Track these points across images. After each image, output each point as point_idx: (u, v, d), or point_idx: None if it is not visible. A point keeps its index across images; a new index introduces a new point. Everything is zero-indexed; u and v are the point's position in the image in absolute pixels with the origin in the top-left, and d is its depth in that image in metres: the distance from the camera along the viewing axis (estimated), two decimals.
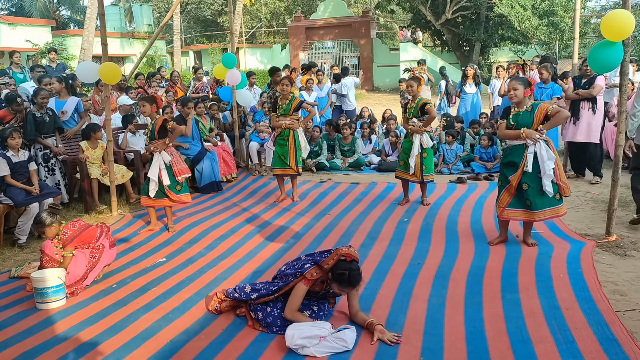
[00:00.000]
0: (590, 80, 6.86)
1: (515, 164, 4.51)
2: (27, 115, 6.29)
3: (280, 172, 6.66)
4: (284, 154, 6.51)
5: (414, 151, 6.01)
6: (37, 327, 3.54)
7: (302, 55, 27.18)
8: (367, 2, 32.25)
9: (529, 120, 4.43)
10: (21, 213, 5.27)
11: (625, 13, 4.35)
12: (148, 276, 4.37)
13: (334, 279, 3.21)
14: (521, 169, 4.44)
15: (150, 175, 5.42)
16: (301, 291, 3.27)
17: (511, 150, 4.58)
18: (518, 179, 4.47)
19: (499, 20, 20.40)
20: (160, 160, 5.41)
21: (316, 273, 3.27)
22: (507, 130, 4.56)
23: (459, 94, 10.20)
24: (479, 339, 3.13)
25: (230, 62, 8.22)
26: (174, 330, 3.42)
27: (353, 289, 3.27)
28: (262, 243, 5.15)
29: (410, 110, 6.09)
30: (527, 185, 4.46)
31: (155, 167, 5.41)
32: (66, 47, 20.29)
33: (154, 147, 5.44)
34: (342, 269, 3.17)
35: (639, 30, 18.39)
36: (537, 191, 4.45)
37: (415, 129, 6.00)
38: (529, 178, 4.45)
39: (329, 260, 3.24)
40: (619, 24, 4.31)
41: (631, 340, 2.99)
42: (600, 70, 4.72)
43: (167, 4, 33.69)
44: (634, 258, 4.31)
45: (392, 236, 5.17)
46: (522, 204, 4.54)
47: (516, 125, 4.49)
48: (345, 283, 3.18)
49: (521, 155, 4.46)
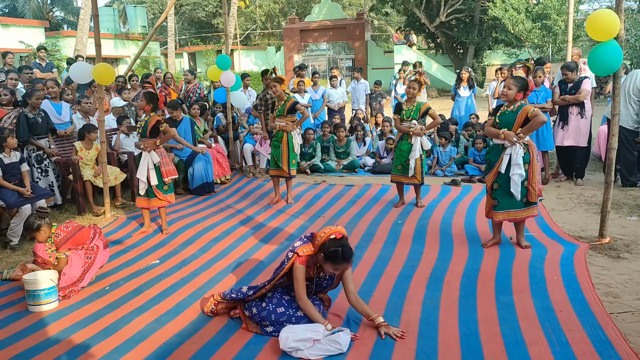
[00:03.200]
0: (576, 84, 6.81)
1: (492, 163, 4.57)
2: (19, 116, 6.25)
3: (275, 173, 6.67)
4: (277, 155, 6.50)
5: (415, 153, 5.97)
6: (29, 329, 3.51)
7: (296, 57, 27.17)
8: (361, 5, 32.31)
9: (511, 120, 4.43)
10: (13, 215, 5.23)
11: (608, 12, 4.39)
12: (141, 278, 4.34)
13: (326, 259, 3.18)
14: (495, 169, 4.49)
15: (139, 175, 5.42)
16: (300, 272, 3.26)
17: (491, 149, 4.65)
18: (492, 178, 4.52)
19: (493, 23, 20.48)
20: (149, 160, 5.40)
21: (307, 250, 3.28)
22: (490, 128, 4.60)
23: (453, 96, 10.23)
24: (473, 341, 3.14)
25: (225, 64, 8.21)
26: (167, 332, 3.40)
27: (347, 265, 3.27)
28: (257, 245, 5.13)
29: (409, 112, 6.01)
30: (497, 185, 4.53)
31: (143, 166, 5.40)
32: (59, 48, 20.19)
33: (144, 146, 5.42)
34: (334, 246, 3.16)
35: (632, 33, 18.53)
36: (505, 193, 4.51)
37: (417, 132, 5.99)
38: (501, 179, 4.50)
39: (318, 237, 3.24)
40: (603, 23, 4.37)
41: (624, 343, 3.00)
42: (601, 72, 4.65)
43: (162, 6, 33.65)
44: (627, 260, 4.33)
45: (387, 238, 5.17)
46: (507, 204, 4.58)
47: (500, 124, 4.51)
48: (339, 259, 3.17)
49: (498, 155, 4.51)
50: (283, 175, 6.61)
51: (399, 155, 6.14)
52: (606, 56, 4.41)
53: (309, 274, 3.35)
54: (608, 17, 4.36)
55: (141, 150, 5.47)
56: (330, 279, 3.43)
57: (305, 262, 3.27)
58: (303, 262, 3.27)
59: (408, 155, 6.01)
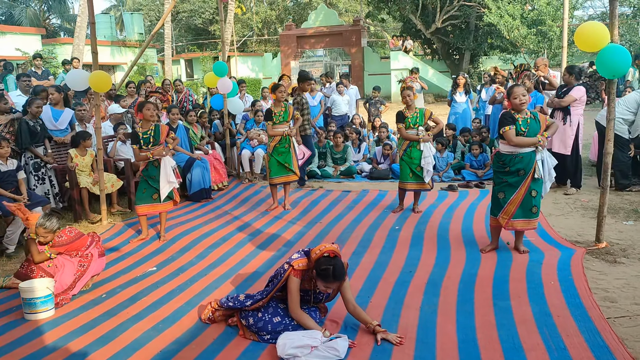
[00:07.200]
0: (568, 89, 6.70)
1: (523, 171, 4.45)
2: (20, 124, 6.24)
3: (282, 180, 6.64)
4: (288, 161, 6.52)
5: (428, 159, 5.98)
6: (25, 337, 3.49)
7: (293, 63, 27.24)
8: (357, 11, 32.43)
9: (537, 127, 4.44)
10: (9, 223, 5.21)
11: (596, 25, 4.43)
12: (138, 286, 4.33)
13: (318, 276, 3.22)
14: (531, 176, 4.43)
15: (170, 179, 5.43)
16: (294, 284, 3.28)
17: (521, 158, 4.45)
18: (528, 186, 4.47)
19: (488, 29, 20.58)
20: (168, 165, 5.44)
21: (303, 264, 3.30)
22: (521, 138, 4.41)
23: (449, 102, 10.27)
24: (471, 347, 3.13)
25: (222, 70, 8.22)
26: (164, 340, 3.39)
27: (338, 283, 3.28)
28: (254, 252, 5.12)
29: (414, 119, 5.97)
30: (535, 192, 4.49)
31: (168, 170, 5.42)
32: (56, 55, 20.18)
33: (159, 152, 5.39)
34: (326, 264, 3.19)
35: (626, 39, 18.63)
36: (540, 197, 4.52)
37: (427, 138, 5.98)
38: (537, 185, 4.47)
39: (313, 253, 3.26)
40: (590, 36, 4.44)
41: (622, 348, 3.00)
42: (610, 75, 4.57)
43: (158, 13, 33.69)
44: (624, 265, 4.33)
45: (384, 244, 5.17)
46: (527, 212, 4.53)
47: (527, 132, 4.42)
48: (330, 278, 3.19)
49: (531, 162, 4.43)
50: (290, 180, 6.67)
51: (409, 162, 6.07)
52: (615, 58, 4.39)
53: (304, 286, 3.38)
54: (595, 29, 4.40)
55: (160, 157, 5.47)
56: (327, 294, 3.44)
57: (300, 275, 3.30)
58: (298, 276, 3.29)
59: (419, 162, 6.00)
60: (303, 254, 3.38)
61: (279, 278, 3.36)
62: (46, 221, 4.09)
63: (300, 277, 3.31)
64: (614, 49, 4.39)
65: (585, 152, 8.55)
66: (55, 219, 4.15)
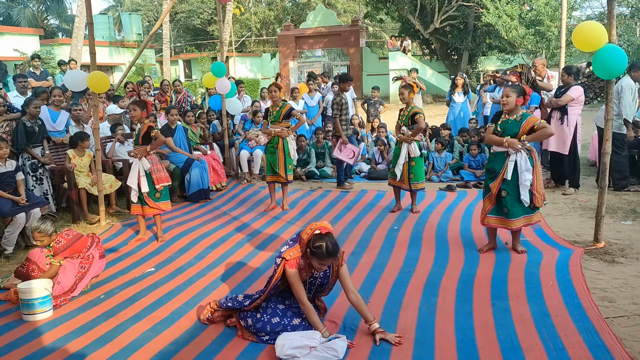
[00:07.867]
0: (566, 89, 6.71)
1: (495, 171, 4.58)
2: (17, 124, 6.23)
3: (272, 179, 6.68)
4: (274, 161, 6.52)
5: (400, 159, 6.07)
6: (23, 339, 3.48)
7: (291, 64, 27.22)
8: (356, 12, 32.45)
9: (515, 129, 4.47)
10: (7, 223, 5.20)
11: (594, 25, 4.43)
12: (137, 286, 4.32)
13: (312, 254, 3.17)
14: (501, 176, 4.50)
15: (129, 182, 5.42)
16: (294, 276, 3.25)
17: (494, 157, 4.64)
18: (498, 186, 4.53)
19: (487, 30, 20.58)
20: (140, 167, 5.38)
21: (294, 252, 3.26)
22: (492, 135, 4.61)
23: (448, 102, 10.28)
24: (470, 347, 3.13)
25: (220, 71, 8.22)
26: (163, 341, 3.38)
27: (332, 259, 3.22)
28: (252, 252, 5.12)
29: (402, 118, 6.12)
30: (505, 193, 4.53)
31: (134, 174, 5.39)
32: (54, 56, 20.16)
33: (134, 153, 5.43)
34: (319, 241, 3.14)
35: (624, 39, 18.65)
36: (515, 199, 4.51)
37: (404, 138, 6.03)
38: (508, 186, 4.50)
39: (304, 235, 3.23)
40: (587, 36, 4.45)
41: (620, 347, 3.00)
42: (606, 75, 4.59)
43: (157, 13, 33.65)
44: (622, 265, 4.34)
45: (382, 244, 5.17)
46: (500, 211, 4.60)
47: (503, 132, 4.53)
48: (324, 255, 3.14)
49: (502, 163, 4.53)
50: (279, 180, 6.62)
51: (393, 159, 6.28)
52: (610, 59, 4.40)
53: (302, 276, 3.33)
54: (593, 29, 4.41)
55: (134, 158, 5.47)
56: (326, 277, 3.39)
57: (296, 265, 3.27)
58: (293, 266, 3.26)
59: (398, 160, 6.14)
60: (292, 242, 3.35)
61: (272, 274, 3.34)
62: (41, 224, 4.10)
63: (297, 267, 3.27)
64: (610, 50, 4.40)
65: (584, 152, 8.56)
66: (49, 222, 4.15)
